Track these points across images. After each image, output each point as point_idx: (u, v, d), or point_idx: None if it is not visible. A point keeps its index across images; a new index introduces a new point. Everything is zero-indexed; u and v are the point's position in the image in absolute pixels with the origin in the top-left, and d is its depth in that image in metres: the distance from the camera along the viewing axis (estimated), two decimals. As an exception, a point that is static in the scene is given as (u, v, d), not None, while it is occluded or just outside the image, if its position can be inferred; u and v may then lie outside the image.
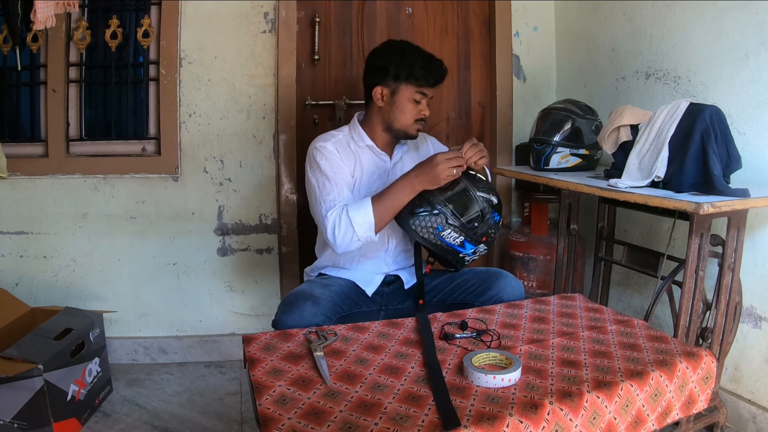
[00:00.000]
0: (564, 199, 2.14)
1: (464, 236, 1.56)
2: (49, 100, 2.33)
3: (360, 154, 1.77)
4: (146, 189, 2.41)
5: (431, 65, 1.71)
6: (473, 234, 1.57)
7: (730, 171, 1.66)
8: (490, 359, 1.21)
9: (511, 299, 1.65)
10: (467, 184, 1.59)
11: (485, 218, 1.57)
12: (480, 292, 1.69)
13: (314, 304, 1.55)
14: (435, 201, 1.56)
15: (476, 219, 1.56)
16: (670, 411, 1.21)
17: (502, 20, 2.67)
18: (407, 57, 1.70)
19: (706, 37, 1.94)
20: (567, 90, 2.67)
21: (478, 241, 1.58)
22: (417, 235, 1.57)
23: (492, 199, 1.60)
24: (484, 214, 1.57)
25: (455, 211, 1.55)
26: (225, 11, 2.41)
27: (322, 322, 1.53)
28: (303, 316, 1.51)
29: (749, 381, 1.87)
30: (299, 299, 1.56)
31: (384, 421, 1.00)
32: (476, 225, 1.56)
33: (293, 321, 1.50)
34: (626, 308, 2.36)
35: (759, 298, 1.83)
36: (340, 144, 1.77)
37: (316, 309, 1.54)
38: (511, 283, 1.70)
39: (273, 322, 1.56)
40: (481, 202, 1.57)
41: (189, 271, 2.48)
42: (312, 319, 1.51)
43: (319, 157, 1.71)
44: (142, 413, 2.03)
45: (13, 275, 2.37)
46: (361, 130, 1.80)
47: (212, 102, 2.43)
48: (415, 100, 1.72)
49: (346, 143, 1.79)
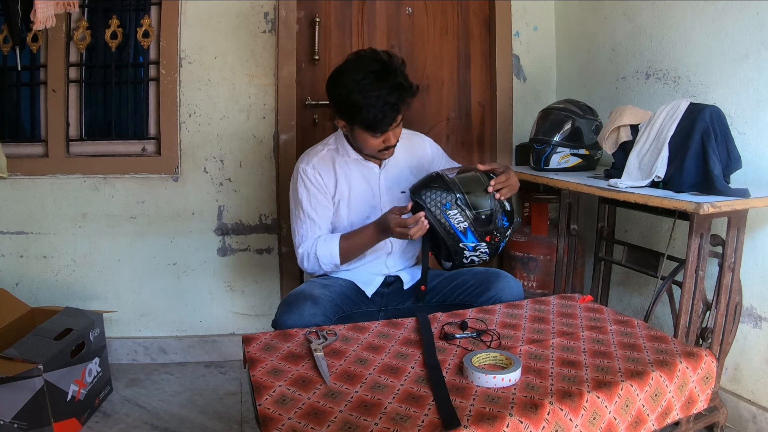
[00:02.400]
0: (564, 199, 2.14)
1: (469, 224, 1.55)
2: (49, 100, 2.33)
3: (347, 169, 1.76)
4: (146, 189, 2.41)
5: (380, 115, 1.54)
6: (478, 225, 1.56)
7: (730, 171, 1.66)
8: (490, 359, 1.21)
9: (510, 300, 1.65)
10: (484, 181, 1.60)
11: (494, 217, 1.58)
12: (479, 292, 1.69)
13: (314, 304, 1.55)
14: (450, 182, 1.57)
15: (485, 213, 1.57)
16: (670, 411, 1.21)
17: (502, 20, 2.67)
18: (352, 105, 1.55)
19: (706, 37, 1.94)
20: (567, 90, 2.67)
21: (482, 237, 1.57)
22: (426, 208, 1.56)
23: (505, 204, 1.61)
24: (493, 212, 1.58)
25: (467, 197, 1.56)
26: (225, 11, 2.41)
27: (322, 322, 1.53)
28: (303, 316, 1.51)
29: (749, 381, 1.87)
30: (299, 299, 1.56)
31: (384, 421, 1.00)
32: (483, 218, 1.56)
33: (293, 321, 1.50)
34: (626, 308, 2.35)
35: (759, 298, 1.83)
36: (323, 162, 1.75)
37: (316, 309, 1.54)
38: (510, 284, 1.69)
39: (273, 322, 1.56)
40: (493, 201, 1.58)
41: (189, 271, 2.48)
42: (312, 319, 1.51)
43: (299, 185, 1.73)
44: (142, 413, 2.03)
45: (13, 275, 2.37)
46: (347, 144, 1.76)
47: (212, 102, 2.43)
48: (374, 136, 1.62)
49: (331, 160, 1.76)
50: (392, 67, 1.59)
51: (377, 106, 1.54)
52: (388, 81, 1.56)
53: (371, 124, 1.57)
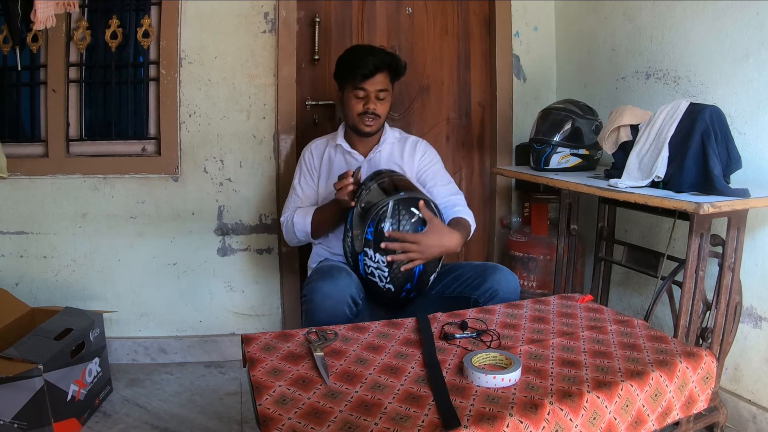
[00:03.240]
0: (564, 199, 2.14)
1: (373, 230, 1.58)
2: (49, 100, 2.33)
3: (332, 154, 2.00)
4: (146, 189, 2.41)
5: (360, 60, 1.84)
6: (376, 238, 1.58)
7: (730, 171, 1.66)
8: (490, 359, 1.21)
9: (506, 292, 1.67)
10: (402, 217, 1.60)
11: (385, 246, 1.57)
12: (476, 284, 1.70)
13: (348, 276, 1.62)
14: (391, 192, 1.63)
15: (383, 236, 1.57)
16: (670, 411, 1.21)
17: (502, 20, 2.67)
18: (343, 58, 1.90)
19: (706, 37, 1.94)
20: (567, 90, 2.67)
21: (378, 250, 1.59)
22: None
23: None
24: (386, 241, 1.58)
25: (385, 212, 1.58)
26: (225, 11, 2.41)
27: (356, 294, 1.60)
28: (338, 285, 1.57)
29: (749, 381, 1.87)
30: (333, 270, 1.63)
31: (384, 421, 1.00)
32: (381, 235, 1.57)
33: (329, 288, 1.56)
34: (626, 308, 2.35)
35: (759, 298, 1.83)
36: (318, 148, 2.04)
37: (350, 281, 1.61)
38: (507, 277, 1.71)
39: (308, 289, 1.60)
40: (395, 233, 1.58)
41: (189, 271, 2.48)
42: (347, 289, 1.58)
43: (298, 165, 2.05)
44: (142, 413, 2.03)
45: (13, 275, 2.37)
46: (341, 131, 2.01)
47: (212, 102, 2.43)
48: (357, 96, 1.87)
49: (325, 146, 2.03)
50: (392, 51, 1.95)
51: (361, 55, 1.86)
52: (382, 50, 1.93)
53: (353, 67, 1.84)
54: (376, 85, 1.86)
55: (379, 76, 1.85)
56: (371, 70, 1.83)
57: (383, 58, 1.87)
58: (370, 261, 1.60)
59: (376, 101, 1.87)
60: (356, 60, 1.85)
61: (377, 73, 1.85)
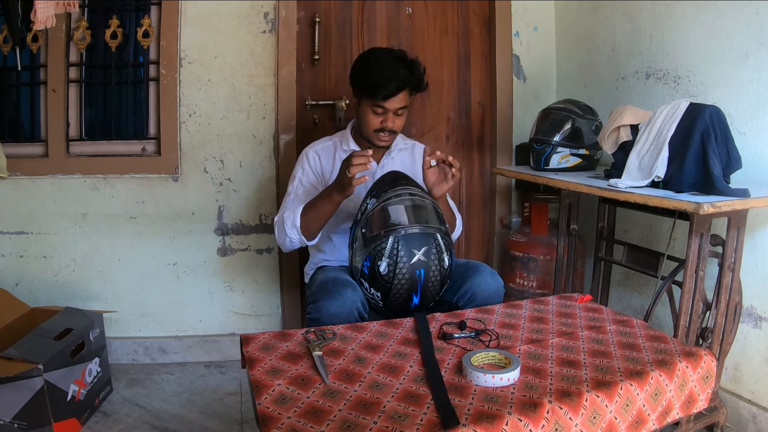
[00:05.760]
0: (564, 199, 2.14)
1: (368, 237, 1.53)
2: (49, 100, 2.33)
3: (344, 158, 1.80)
4: (146, 189, 2.42)
5: (384, 79, 1.71)
6: (366, 241, 1.54)
7: (730, 171, 1.65)
8: (489, 359, 1.21)
9: (485, 296, 1.62)
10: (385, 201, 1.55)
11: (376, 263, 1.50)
12: (456, 288, 1.66)
13: (354, 291, 1.55)
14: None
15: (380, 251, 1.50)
16: (670, 410, 1.21)
17: (502, 20, 2.67)
18: (365, 70, 1.76)
19: (706, 37, 1.94)
20: (567, 90, 2.67)
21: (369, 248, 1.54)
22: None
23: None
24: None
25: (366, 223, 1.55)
26: (225, 11, 2.41)
27: (362, 308, 1.54)
28: (346, 303, 1.51)
29: (749, 381, 1.86)
30: (338, 285, 1.55)
31: (383, 419, 1.00)
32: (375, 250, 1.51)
33: (336, 308, 1.50)
34: (626, 308, 2.35)
35: (759, 298, 1.82)
36: (325, 150, 1.92)
37: (356, 295, 1.54)
38: (487, 279, 1.65)
39: (312, 308, 1.53)
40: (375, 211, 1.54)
41: (189, 271, 2.48)
42: (353, 306, 1.52)
43: (298, 165, 1.91)
44: (142, 413, 2.03)
45: (13, 275, 2.37)
46: (350, 136, 1.91)
47: (212, 102, 2.43)
48: (375, 112, 1.77)
49: (333, 149, 1.91)
50: (413, 60, 1.80)
51: (385, 73, 1.72)
52: (404, 62, 1.77)
53: (374, 86, 1.72)
54: (396, 103, 1.76)
55: (400, 95, 1.76)
56: (393, 92, 1.74)
57: (407, 78, 1.75)
58: (366, 291, 1.57)
59: (394, 118, 1.79)
60: (379, 82, 1.72)
61: (399, 93, 1.75)
